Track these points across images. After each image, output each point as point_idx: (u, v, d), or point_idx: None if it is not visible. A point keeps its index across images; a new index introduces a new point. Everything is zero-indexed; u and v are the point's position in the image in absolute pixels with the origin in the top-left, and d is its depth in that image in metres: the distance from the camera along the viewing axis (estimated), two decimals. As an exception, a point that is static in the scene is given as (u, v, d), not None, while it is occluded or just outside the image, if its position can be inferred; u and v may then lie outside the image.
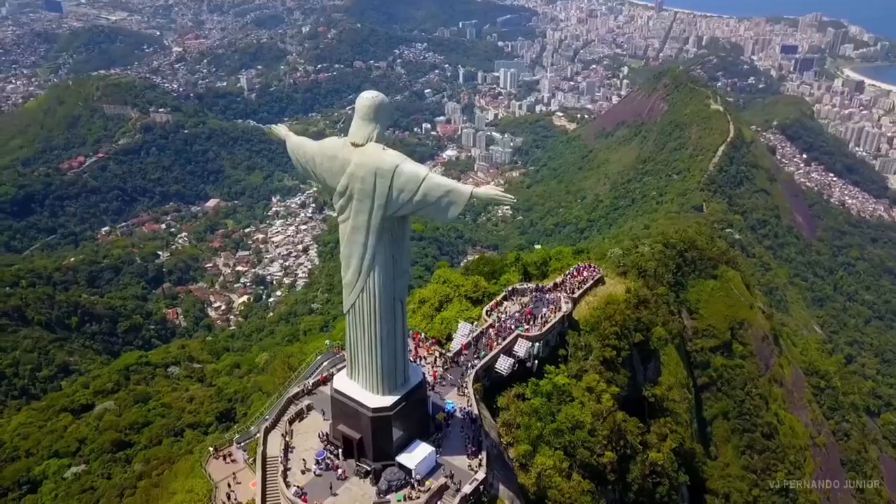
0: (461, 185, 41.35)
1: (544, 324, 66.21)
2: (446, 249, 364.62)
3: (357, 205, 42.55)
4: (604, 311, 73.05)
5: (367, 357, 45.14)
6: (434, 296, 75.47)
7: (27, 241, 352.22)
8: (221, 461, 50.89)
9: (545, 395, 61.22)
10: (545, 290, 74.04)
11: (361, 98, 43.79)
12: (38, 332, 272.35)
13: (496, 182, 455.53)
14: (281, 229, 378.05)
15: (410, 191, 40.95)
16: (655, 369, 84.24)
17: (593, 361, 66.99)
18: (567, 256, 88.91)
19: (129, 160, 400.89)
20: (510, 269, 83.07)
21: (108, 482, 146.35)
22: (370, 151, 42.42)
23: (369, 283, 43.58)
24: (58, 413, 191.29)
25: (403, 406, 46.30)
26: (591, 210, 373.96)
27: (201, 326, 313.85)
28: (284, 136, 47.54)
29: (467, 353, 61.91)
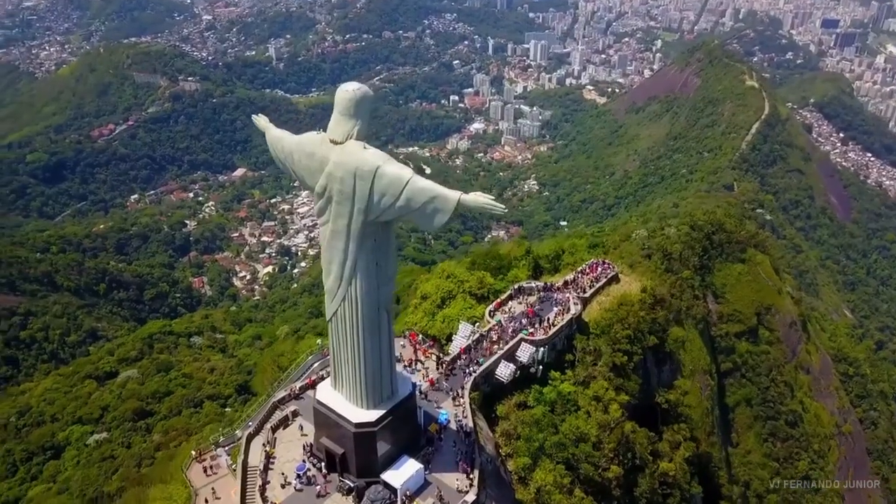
0: (447, 190, 36.29)
1: (550, 327, 61.93)
2: (470, 224, 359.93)
3: (336, 208, 38.68)
4: (616, 312, 68.13)
5: (350, 369, 41.62)
6: (436, 291, 71.52)
7: (59, 208, 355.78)
8: (204, 465, 48.07)
9: (549, 404, 57.23)
10: (554, 289, 69.57)
11: (341, 90, 39.63)
12: (67, 297, 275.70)
13: (522, 156, 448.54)
14: (306, 200, 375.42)
15: (393, 195, 36.75)
16: (671, 372, 79.37)
17: (602, 368, 62.63)
18: (581, 250, 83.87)
19: (158, 128, 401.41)
20: (519, 263, 78.45)
21: (128, 451, 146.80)
22: (350, 150, 38.47)
23: (351, 292, 39.88)
24: (83, 379, 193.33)
25: (390, 420, 42.66)
26: (619, 187, 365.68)
27: (226, 296, 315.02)
28: (264, 129, 43.55)
29: (466, 358, 58.02)
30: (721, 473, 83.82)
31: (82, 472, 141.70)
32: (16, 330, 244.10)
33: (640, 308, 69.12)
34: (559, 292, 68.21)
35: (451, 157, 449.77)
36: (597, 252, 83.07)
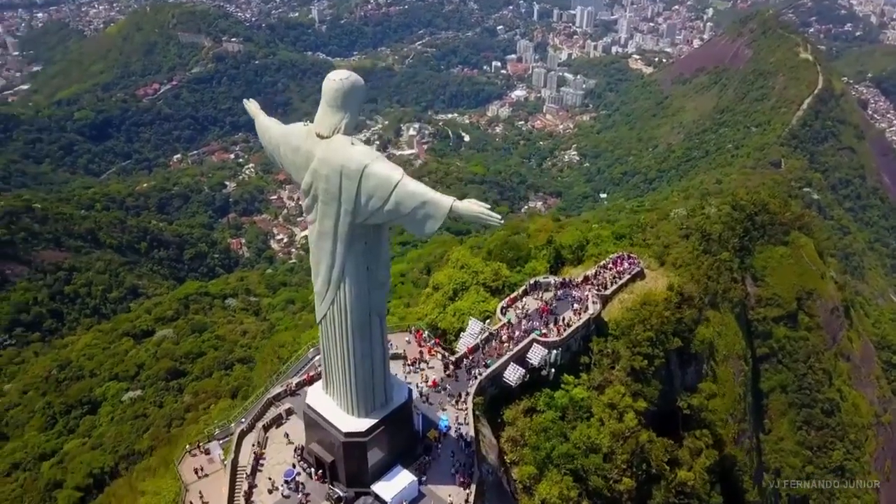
0: (440, 196, 32.79)
1: (566, 327, 57.81)
2: (507, 194, 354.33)
3: (323, 208, 35.44)
4: (638, 312, 63.69)
5: (341, 375, 38.83)
6: (449, 282, 67.78)
7: (104, 165, 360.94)
8: (198, 459, 46.18)
9: (559, 410, 53.83)
10: (573, 285, 65.03)
11: (329, 79, 35.94)
12: (109, 254, 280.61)
13: (564, 125, 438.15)
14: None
15: (381, 198, 33.29)
16: (696, 374, 74.65)
17: (619, 372, 58.67)
18: (607, 241, 78.69)
19: (202, 89, 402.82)
20: (539, 253, 73.93)
21: (159, 411, 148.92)
22: (336, 146, 34.82)
23: (339, 296, 36.87)
24: (121, 337, 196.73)
25: (382, 430, 39.94)
26: (661, 160, 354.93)
27: (263, 258, 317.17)
28: (253, 115, 40.15)
29: (473, 358, 54.61)
30: (745, 478, 79.74)
31: (116, 429, 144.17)
32: (60, 284, 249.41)
33: (665, 307, 64.45)
34: (578, 289, 63.88)
35: (490, 124, 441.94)
36: (623, 244, 77.79)
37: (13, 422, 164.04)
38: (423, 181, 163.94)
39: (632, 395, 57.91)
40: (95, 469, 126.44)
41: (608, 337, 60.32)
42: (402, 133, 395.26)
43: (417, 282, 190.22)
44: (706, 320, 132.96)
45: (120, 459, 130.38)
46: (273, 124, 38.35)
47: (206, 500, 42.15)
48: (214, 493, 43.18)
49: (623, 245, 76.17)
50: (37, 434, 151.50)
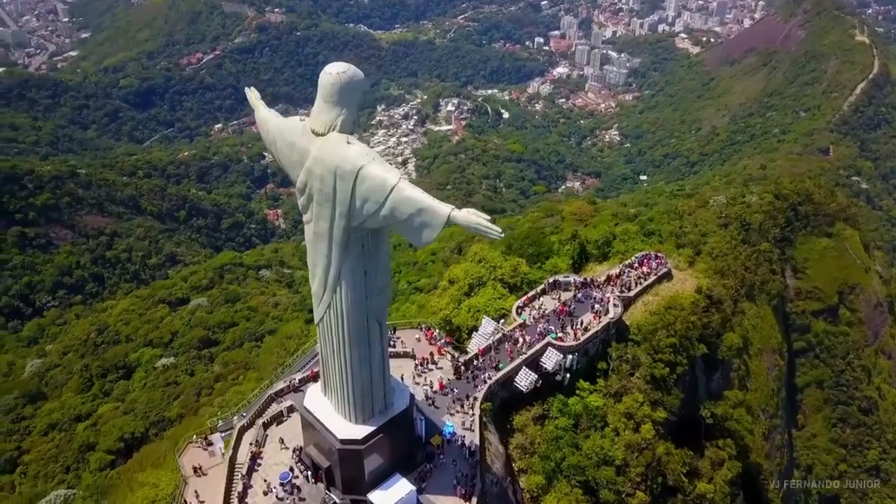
0: (438, 204, 30.34)
1: (584, 331, 54.90)
2: (544, 174, 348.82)
3: (317, 209, 33.36)
4: (662, 317, 60.25)
5: (338, 380, 37.04)
6: (465, 277, 64.40)
7: (148, 133, 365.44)
8: (199, 454, 45.12)
9: (572, 417, 51.41)
10: (594, 285, 61.74)
11: (325, 73, 33.28)
12: (150, 221, 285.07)
13: (606, 104, 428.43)
14: (382, 139, 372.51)
15: (376, 202, 31.09)
16: (722, 381, 70.99)
17: (639, 380, 55.63)
18: (634, 238, 74.46)
19: (244, 59, 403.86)
20: (563, 248, 70.43)
21: (190, 379, 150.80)
22: (331, 144, 32.36)
23: (336, 300, 34.99)
24: (157, 304, 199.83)
25: (381, 437, 38.18)
26: (705, 143, 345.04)
27: (299, 230, 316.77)
28: (253, 106, 38.00)
29: (484, 360, 52.17)
30: (770, 487, 76.33)
31: (147, 395, 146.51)
32: (102, 249, 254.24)
33: (692, 312, 60.93)
34: (599, 289, 60.77)
35: (531, 101, 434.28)
36: (651, 242, 73.73)
37: (52, 382, 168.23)
38: (459, 158, 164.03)
39: (651, 403, 54.89)
40: (126, 434, 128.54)
41: (629, 342, 57.29)
42: (440, 108, 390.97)
43: (448, 260, 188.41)
44: (741, 313, 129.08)
45: (150, 425, 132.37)
46: (271, 117, 36.22)
47: (202, 499, 41.08)
48: (211, 491, 42.07)
49: (651, 243, 72.40)
50: (73, 396, 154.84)
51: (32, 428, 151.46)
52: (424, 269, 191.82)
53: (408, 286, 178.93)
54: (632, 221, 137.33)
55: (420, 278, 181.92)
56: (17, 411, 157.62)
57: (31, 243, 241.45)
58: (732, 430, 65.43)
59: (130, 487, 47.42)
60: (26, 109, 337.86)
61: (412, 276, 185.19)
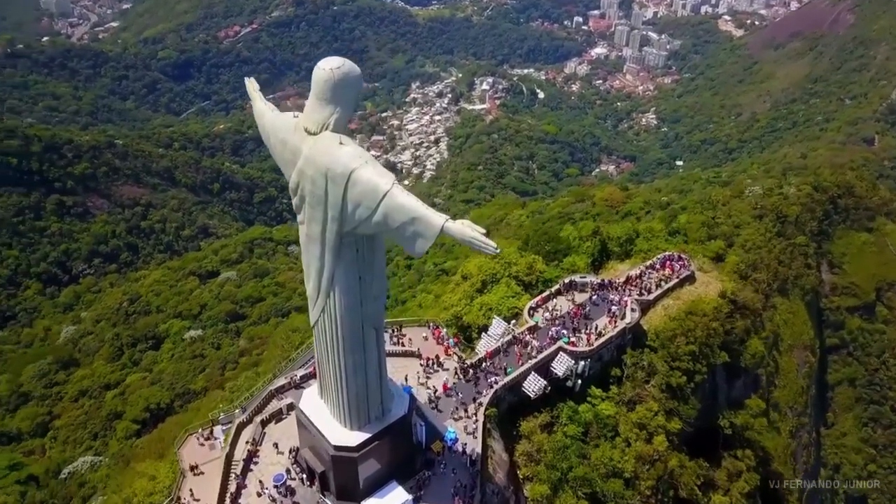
0: (432, 213, 28.30)
1: (598, 336, 52.44)
2: (578, 156, 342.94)
3: (310, 211, 31.66)
4: (682, 322, 57.46)
5: (333, 385, 35.63)
6: (479, 273, 61.43)
7: (184, 105, 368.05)
8: (198, 449, 44.07)
9: (582, 425, 49.36)
10: (612, 286, 58.84)
11: (318, 68, 31.16)
12: (184, 193, 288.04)
13: (644, 87, 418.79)
14: (416, 117, 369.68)
15: (368, 208, 29.22)
16: (744, 388, 67.75)
17: (654, 388, 53.17)
18: (659, 237, 70.73)
19: (280, 33, 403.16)
20: (583, 245, 67.35)
21: (216, 353, 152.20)
22: (322, 145, 30.42)
23: (329, 305, 33.41)
24: (187, 276, 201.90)
25: (377, 444, 36.77)
26: (744, 129, 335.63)
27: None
28: (251, 97, 36.12)
29: (492, 363, 50.08)
30: (791, 499, 73.13)
31: (174, 367, 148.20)
32: (137, 219, 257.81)
33: (714, 318, 57.90)
34: (617, 291, 58.09)
35: (567, 81, 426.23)
36: (676, 241, 70.01)
37: (85, 349, 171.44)
38: (492, 138, 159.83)
39: (665, 413, 52.45)
40: (152, 404, 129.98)
41: (645, 348, 54.71)
42: (475, 86, 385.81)
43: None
44: (772, 308, 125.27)
45: (176, 397, 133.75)
46: (267, 111, 34.36)
47: (197, 497, 40.24)
48: (206, 488, 41.21)
49: (676, 242, 69.07)
50: (104, 364, 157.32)
51: (64, 394, 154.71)
52: (451, 251, 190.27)
53: (433, 268, 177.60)
54: (664, 209, 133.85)
55: (446, 260, 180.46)
56: (51, 377, 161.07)
57: (69, 212, 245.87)
58: (752, 441, 62.57)
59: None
60: (68, 79, 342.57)
61: (439, 258, 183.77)
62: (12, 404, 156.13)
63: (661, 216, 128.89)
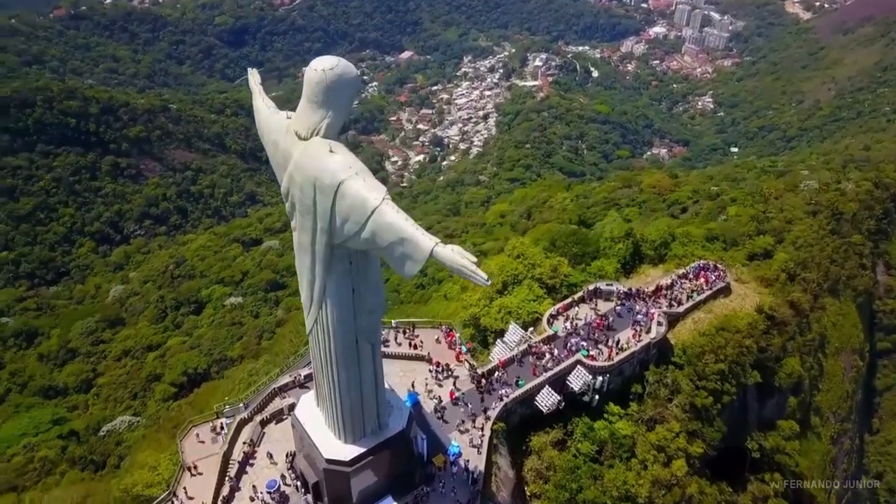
0: (422, 235, 25.43)
1: (619, 351, 49.18)
2: (630, 138, 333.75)
3: (300, 219, 29.56)
4: (712, 339, 53.41)
5: (328, 396, 33.81)
6: (500, 272, 58.11)
7: (238, 71, 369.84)
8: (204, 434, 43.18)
9: (597, 443, 46.53)
10: (639, 296, 55.12)
11: (310, 69, 28.44)
12: (233, 159, 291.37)
13: (702, 69, 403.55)
14: (466, 92, 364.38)
15: (356, 223, 26.81)
16: (777, 408, 63.19)
17: (677, 408, 49.75)
18: (696, 242, 65.96)
19: (336, 2, 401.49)
20: (615, 247, 62.92)
21: (254, 321, 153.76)
22: (312, 151, 27.98)
23: (322, 317, 31.40)
24: (231, 242, 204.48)
25: (372, 459, 34.97)
26: (805, 117, 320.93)
27: (376, 178, 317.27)
28: (251, 90, 33.78)
29: (505, 373, 47.38)
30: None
31: (213, 333, 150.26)
32: (187, 184, 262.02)
33: (748, 335, 53.74)
34: (644, 302, 54.52)
35: (622, 60, 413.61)
36: (713, 249, 65.04)
37: (131, 309, 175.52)
38: (542, 115, 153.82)
39: (687, 435, 49.14)
40: (190, 369, 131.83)
41: (670, 365, 51.23)
42: (527, 62, 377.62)
43: (516, 225, 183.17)
44: (821, 309, 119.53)
45: (212, 363, 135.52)
46: (263, 109, 32.04)
47: (192, 495, 39.31)
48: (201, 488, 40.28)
49: (714, 249, 64.34)
50: (148, 325, 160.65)
51: (108, 352, 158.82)
52: (491, 231, 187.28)
53: (472, 248, 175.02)
54: (713, 200, 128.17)
55: (485, 241, 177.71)
56: (97, 334, 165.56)
57: (123, 173, 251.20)
58: (783, 465, 58.39)
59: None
60: (128, 42, 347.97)
61: (478, 238, 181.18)
62: (60, 359, 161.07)
63: (709, 207, 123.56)
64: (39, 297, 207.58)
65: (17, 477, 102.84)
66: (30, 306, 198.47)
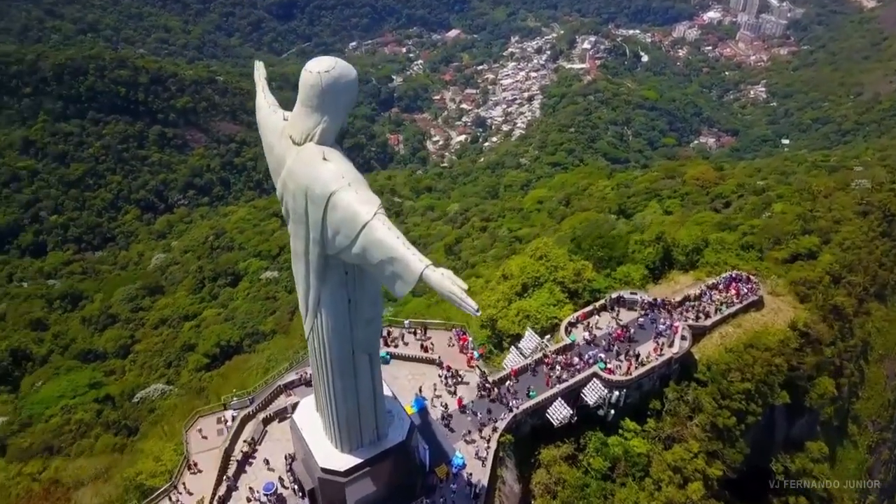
0: (411, 256, 23.50)
1: (638, 365, 46.35)
2: (677, 126, 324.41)
3: (293, 227, 27.98)
4: (740, 356, 49.98)
5: (325, 403, 32.44)
6: (521, 274, 55.60)
7: (286, 45, 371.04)
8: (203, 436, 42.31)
9: (609, 460, 44.31)
10: (666, 306, 51.92)
11: (305, 71, 26.47)
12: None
13: (756, 57, 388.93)
14: (512, 73, 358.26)
15: (347, 237, 25.06)
16: (807, 428, 59.23)
17: (696, 427, 46.92)
18: (730, 250, 61.98)
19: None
20: (643, 251, 59.67)
21: (287, 296, 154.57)
22: (305, 158, 26.30)
23: (318, 326, 29.84)
24: (270, 216, 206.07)
25: (369, 470, 33.61)
26: (863, 111, 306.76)
27: (417, 158, 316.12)
28: (255, 84, 31.97)
29: (516, 382, 45.24)
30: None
31: (248, 306, 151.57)
32: (231, 156, 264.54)
33: (778, 353, 50.17)
34: (669, 313, 51.44)
35: (674, 46, 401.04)
36: (748, 258, 60.84)
37: (171, 278, 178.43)
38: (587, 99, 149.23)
39: (706, 455, 46.44)
40: (223, 341, 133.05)
41: (692, 382, 48.36)
42: (575, 45, 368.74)
43: (554, 212, 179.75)
44: (866, 314, 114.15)
45: (245, 336, 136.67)
46: (264, 106, 30.14)
47: (192, 490, 38.68)
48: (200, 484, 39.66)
49: (748, 259, 60.20)
50: (185, 295, 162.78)
51: (146, 320, 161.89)
52: (528, 217, 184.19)
53: (508, 233, 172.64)
54: (758, 195, 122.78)
55: (521, 227, 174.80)
56: (137, 301, 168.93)
57: (169, 143, 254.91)
58: (812, 490, 54.67)
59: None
60: (179, 13, 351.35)
61: (514, 224, 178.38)
62: (101, 324, 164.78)
63: (753, 202, 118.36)
64: (85, 262, 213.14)
65: (54, 438, 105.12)
66: (76, 270, 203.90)
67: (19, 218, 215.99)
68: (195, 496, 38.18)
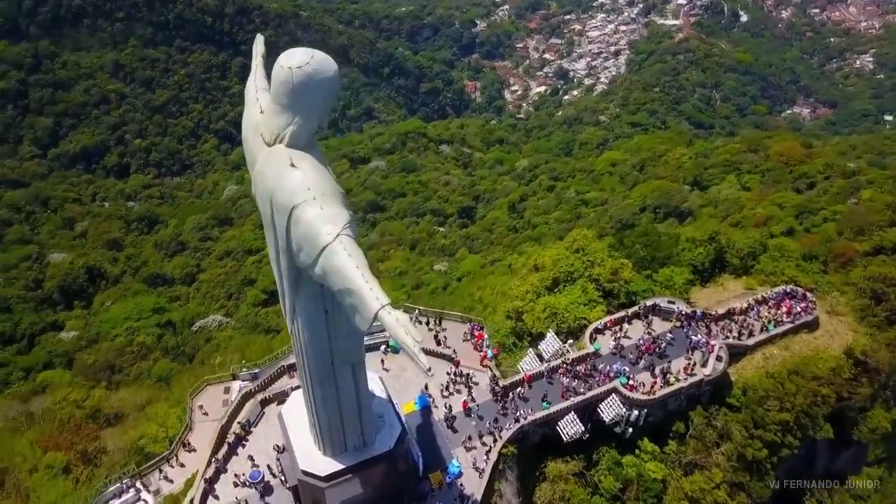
0: (368, 291, 20.17)
1: (665, 384, 41.56)
2: (770, 93, 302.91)
3: (265, 230, 25.06)
4: (782, 383, 43.74)
5: (308, 406, 30.00)
6: (554, 266, 50.21)
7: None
8: (204, 413, 40.99)
9: (622, 481, 40.41)
10: (705, 318, 46.27)
11: (277, 65, 22.91)
12: (355, 73, 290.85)
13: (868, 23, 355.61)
14: (600, 25, 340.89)
15: (308, 255, 21.97)
16: (853, 463, 52.71)
17: (722, 457, 42.07)
18: (789, 259, 54.10)
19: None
20: (696, 250, 53.14)
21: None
22: (274, 160, 23.18)
23: (296, 332, 27.07)
24: (340, 158, 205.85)
25: (351, 476, 31.46)
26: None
27: (493, 107, 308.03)
28: (253, 56, 28.53)
29: (530, 390, 41.55)
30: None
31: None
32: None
33: (826, 383, 43.88)
34: (707, 327, 45.99)
35: (777, 6, 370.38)
36: (810, 269, 53.02)
37: (240, 210, 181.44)
38: (677, 59, 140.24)
39: (729, 487, 41.77)
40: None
41: (723, 406, 43.35)
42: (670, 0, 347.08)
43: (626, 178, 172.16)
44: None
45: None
46: (251, 88, 26.59)
47: (183, 462, 37.87)
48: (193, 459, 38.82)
49: (810, 270, 52.78)
50: (252, 229, 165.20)
51: (213, 250, 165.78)
52: (598, 180, 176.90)
53: (575, 196, 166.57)
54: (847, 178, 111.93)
55: (590, 190, 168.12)
56: (207, 231, 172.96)
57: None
58: None
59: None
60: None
61: (583, 186, 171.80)
62: (171, 250, 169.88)
63: (840, 186, 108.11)
64: (164, 186, 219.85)
65: (116, 357, 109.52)
66: (154, 194, 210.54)
67: (106, 139, 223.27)
68: (187, 469, 37.47)
